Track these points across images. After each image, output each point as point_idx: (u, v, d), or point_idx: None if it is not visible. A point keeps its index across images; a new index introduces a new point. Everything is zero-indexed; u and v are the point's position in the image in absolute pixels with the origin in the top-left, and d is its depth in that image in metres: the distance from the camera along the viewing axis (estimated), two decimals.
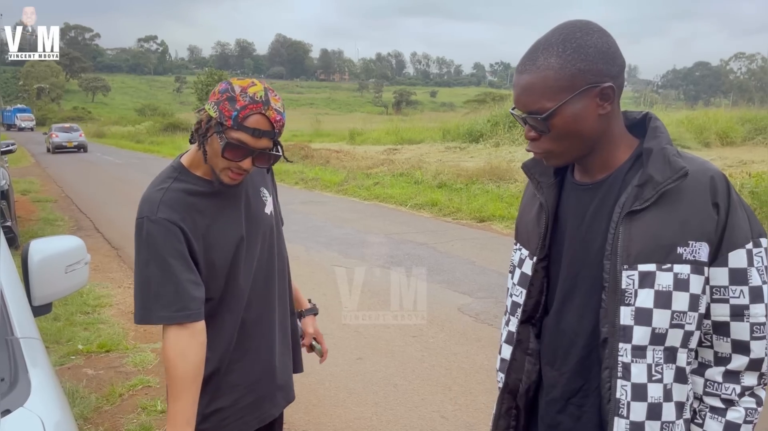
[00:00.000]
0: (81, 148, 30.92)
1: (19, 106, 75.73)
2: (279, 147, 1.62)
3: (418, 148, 20.32)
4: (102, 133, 53.43)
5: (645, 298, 1.12)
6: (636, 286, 1.13)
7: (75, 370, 4.15)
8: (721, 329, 1.17)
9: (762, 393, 1.19)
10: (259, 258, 1.74)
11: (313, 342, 2.01)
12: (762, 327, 1.15)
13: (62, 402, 1.35)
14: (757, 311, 1.14)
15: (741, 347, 1.16)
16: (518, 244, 1.40)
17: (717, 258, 1.14)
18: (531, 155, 1.33)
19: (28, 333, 1.42)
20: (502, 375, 1.40)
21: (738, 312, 1.15)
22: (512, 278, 1.39)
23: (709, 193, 1.13)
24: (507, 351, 1.39)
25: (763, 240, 1.16)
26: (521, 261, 1.36)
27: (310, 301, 2.08)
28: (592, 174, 1.25)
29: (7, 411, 1.23)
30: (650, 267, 1.12)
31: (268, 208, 1.80)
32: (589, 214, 1.23)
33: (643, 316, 1.13)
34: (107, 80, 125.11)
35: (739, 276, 1.14)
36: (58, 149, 29.84)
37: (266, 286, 1.77)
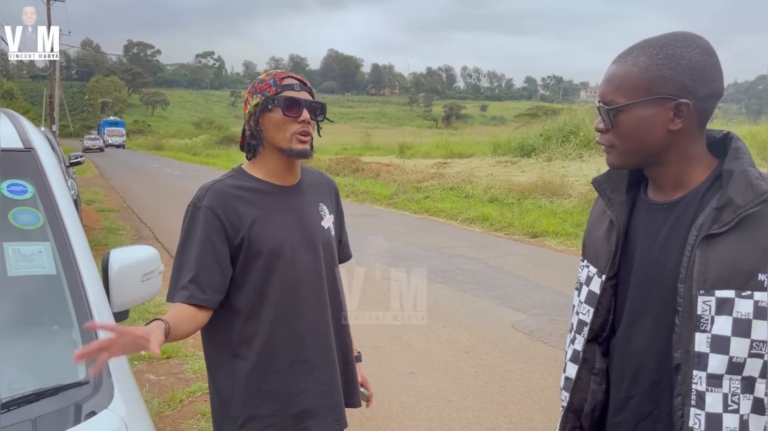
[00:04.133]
0: (100, 149, 48.50)
1: (111, 118, 71.18)
2: (321, 105, 1.75)
3: (469, 162, 20.22)
4: (160, 145, 55.51)
5: (722, 326, 1.08)
6: (713, 313, 1.09)
7: (138, 375, 4.29)
8: None
9: None
10: (307, 266, 1.73)
11: (361, 389, 1.99)
12: None
13: (142, 405, 1.41)
14: None
15: None
16: (585, 261, 1.37)
17: None
18: (602, 172, 1.33)
19: None
20: (566, 394, 1.37)
21: None
22: (579, 296, 1.36)
23: None
24: (572, 370, 1.36)
25: None
26: (589, 279, 1.33)
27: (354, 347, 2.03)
28: (666, 192, 1.22)
29: (93, 413, 1.30)
30: (728, 293, 1.08)
31: (326, 223, 1.82)
32: (662, 234, 1.20)
33: (719, 344, 1.09)
34: (166, 94, 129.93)
35: None
36: (87, 150, 44.11)
37: (316, 298, 1.75)
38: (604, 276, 1.28)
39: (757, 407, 1.11)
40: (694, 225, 1.14)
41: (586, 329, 1.32)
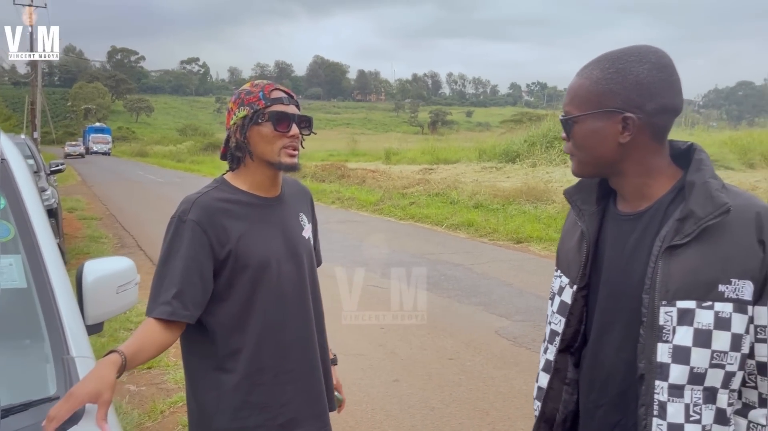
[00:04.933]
0: (81, 155, 49.26)
1: (97, 124, 67.38)
2: (308, 118, 1.75)
3: (454, 168, 20.29)
4: (145, 152, 55.08)
5: (683, 336, 1.09)
6: (674, 323, 1.10)
7: (118, 386, 4.19)
8: (766, 370, 1.13)
9: None
10: (291, 278, 1.74)
11: (335, 393, 1.98)
12: None
13: (114, 420, 1.39)
14: None
15: None
16: (559, 271, 1.39)
17: (762, 296, 1.10)
18: (573, 182, 1.35)
19: (83, 352, 1.46)
20: (538, 404, 1.38)
21: None
22: (551, 305, 1.38)
23: (755, 230, 1.10)
24: (544, 380, 1.37)
25: None
26: (561, 289, 1.35)
27: (330, 350, 2.02)
28: (631, 203, 1.24)
29: (62, 429, 1.27)
30: (689, 304, 1.09)
31: (306, 233, 1.82)
32: (629, 245, 1.22)
33: (680, 354, 1.10)
34: (151, 101, 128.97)
35: None
36: (68, 156, 45.05)
37: (300, 309, 1.76)
38: (575, 287, 1.30)
39: (721, 418, 1.11)
40: (658, 236, 1.15)
41: (557, 339, 1.33)
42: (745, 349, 1.10)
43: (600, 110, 1.16)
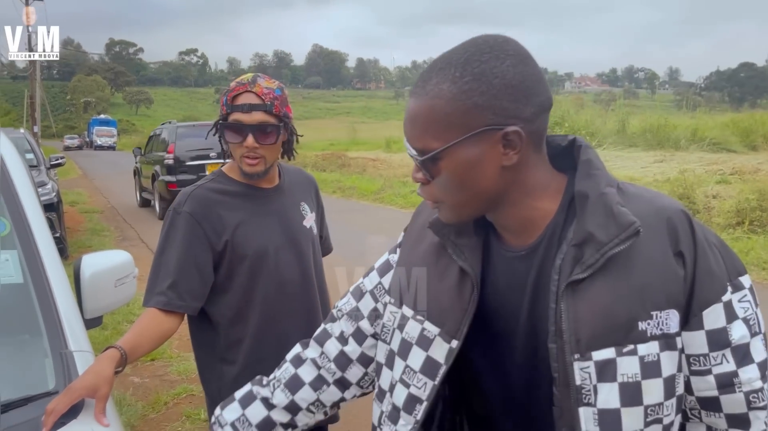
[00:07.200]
0: (79, 147, 51.62)
1: (102, 116, 62.50)
2: (285, 123, 1.67)
3: None
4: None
5: (608, 396, 0.86)
6: (594, 381, 0.87)
7: (122, 378, 4.26)
8: (711, 405, 0.93)
9: None
10: (291, 267, 1.74)
11: None
12: (760, 393, 0.91)
13: (113, 414, 1.39)
14: (749, 376, 0.90)
15: (739, 421, 0.92)
16: (418, 315, 1.03)
17: (689, 321, 0.89)
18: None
19: (82, 346, 1.46)
20: None
21: (726, 383, 0.90)
22: (407, 360, 1.02)
23: (669, 242, 0.89)
24: None
25: (743, 279, 0.92)
26: (425, 340, 1.00)
27: None
28: (519, 236, 0.96)
29: (62, 424, 1.27)
30: (608, 353, 0.86)
31: (307, 222, 1.82)
32: (529, 285, 0.95)
33: (609, 420, 0.86)
34: (150, 93, 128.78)
35: (719, 338, 0.90)
36: (67, 149, 46.71)
37: (302, 298, 1.77)
38: (455, 342, 0.97)
39: None
40: (553, 268, 0.91)
41: (420, 408, 1.00)
42: (680, 390, 0.91)
43: (471, 133, 0.86)
